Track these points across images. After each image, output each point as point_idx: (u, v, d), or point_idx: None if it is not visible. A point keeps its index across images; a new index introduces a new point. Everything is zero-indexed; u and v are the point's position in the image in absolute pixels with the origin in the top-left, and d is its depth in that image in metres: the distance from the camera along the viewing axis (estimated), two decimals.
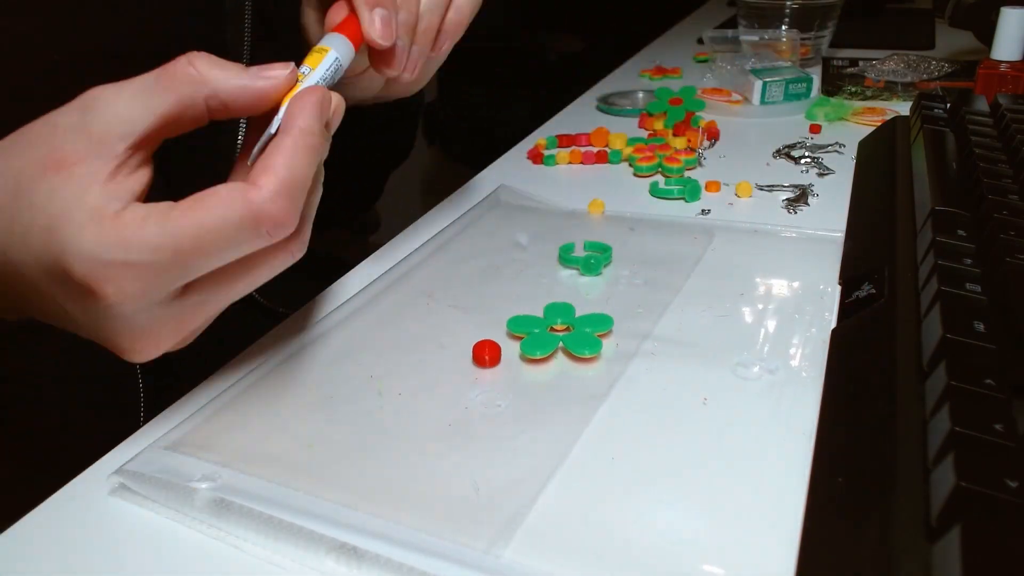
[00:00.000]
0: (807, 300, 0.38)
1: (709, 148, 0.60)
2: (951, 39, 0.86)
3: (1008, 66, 0.61)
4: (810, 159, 0.56)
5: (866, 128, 0.61)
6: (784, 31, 0.78)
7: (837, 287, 0.39)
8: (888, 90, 0.72)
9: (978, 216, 0.37)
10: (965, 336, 0.27)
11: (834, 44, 0.84)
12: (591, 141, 0.62)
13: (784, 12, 0.78)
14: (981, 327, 0.28)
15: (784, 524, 0.25)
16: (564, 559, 0.24)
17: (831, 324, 0.35)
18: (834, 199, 0.49)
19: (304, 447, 0.30)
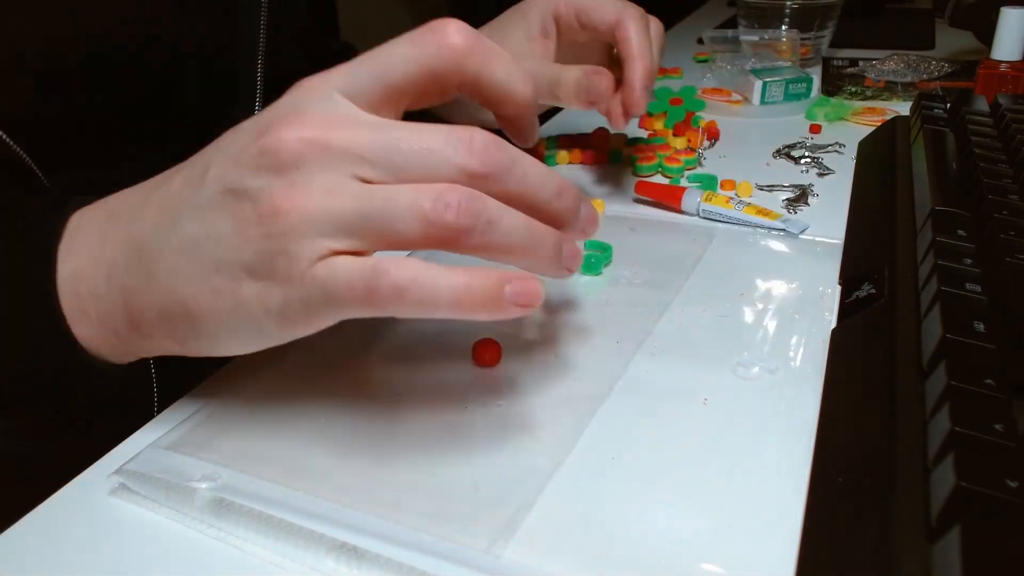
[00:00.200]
0: (807, 300, 0.38)
1: (709, 148, 0.60)
2: (951, 39, 0.86)
3: (1008, 66, 0.61)
4: (810, 159, 0.56)
5: (866, 128, 0.61)
6: (784, 31, 0.78)
7: (837, 287, 0.39)
8: (888, 90, 0.72)
9: (978, 216, 0.37)
10: (965, 336, 0.27)
11: (834, 44, 0.84)
12: (591, 141, 0.62)
13: (784, 12, 0.78)
14: (981, 327, 0.28)
15: (784, 524, 0.25)
16: (564, 559, 0.24)
17: (831, 324, 0.35)
18: (834, 199, 0.49)
19: (304, 447, 0.30)
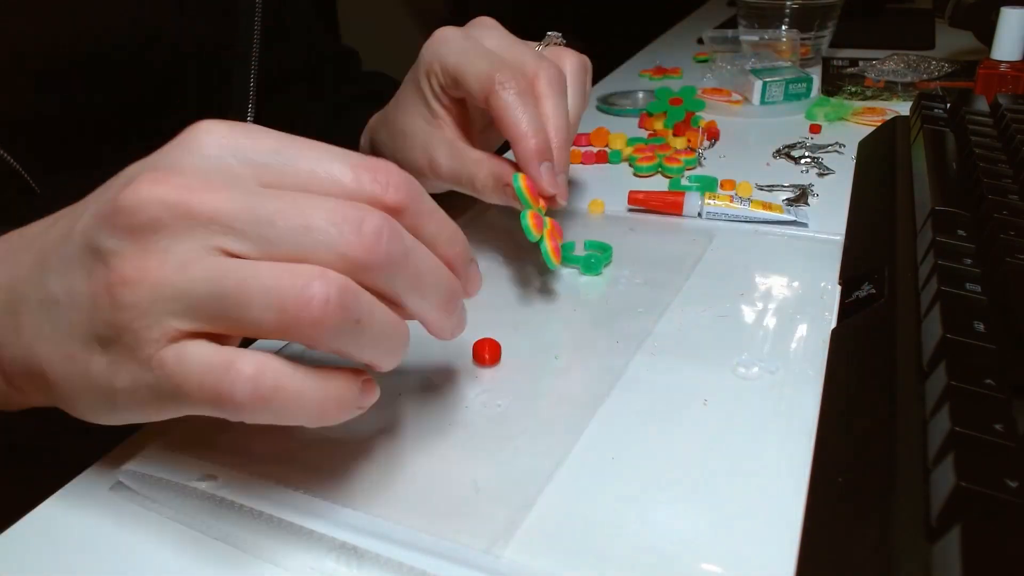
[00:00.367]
0: (807, 300, 0.38)
1: (709, 148, 0.60)
2: (951, 39, 0.86)
3: (1008, 66, 0.61)
4: (810, 159, 0.56)
5: (866, 128, 0.61)
6: (784, 31, 0.78)
7: (837, 287, 0.39)
8: (888, 90, 0.72)
9: (978, 216, 0.37)
10: (965, 336, 0.27)
11: (834, 44, 0.84)
12: (591, 141, 0.62)
13: (784, 12, 0.78)
14: (981, 327, 0.28)
15: (784, 524, 0.25)
16: (564, 559, 0.24)
17: (831, 324, 0.35)
18: (834, 199, 0.49)
19: (304, 447, 0.30)
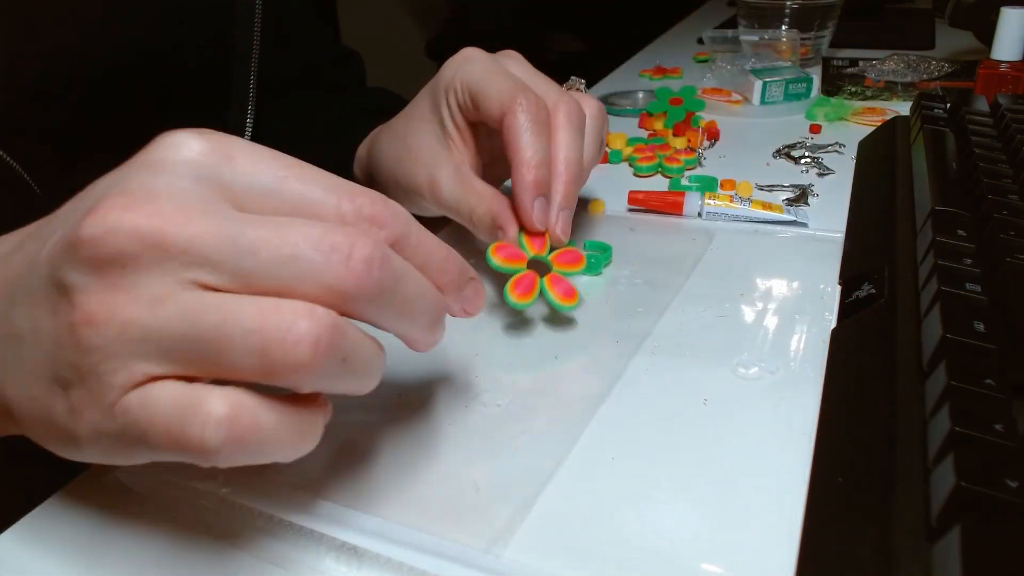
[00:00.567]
0: (807, 300, 0.38)
1: (709, 148, 0.60)
2: (951, 39, 0.86)
3: (1008, 66, 0.61)
4: (810, 159, 0.56)
5: (866, 128, 0.61)
6: (784, 31, 0.78)
7: (837, 287, 0.39)
8: (888, 90, 0.72)
9: (978, 216, 0.37)
10: (965, 336, 0.27)
11: (834, 44, 0.84)
12: None
13: (784, 12, 0.78)
14: (981, 327, 0.28)
15: (784, 524, 0.25)
16: (564, 559, 0.24)
17: (831, 324, 0.35)
18: (834, 199, 0.49)
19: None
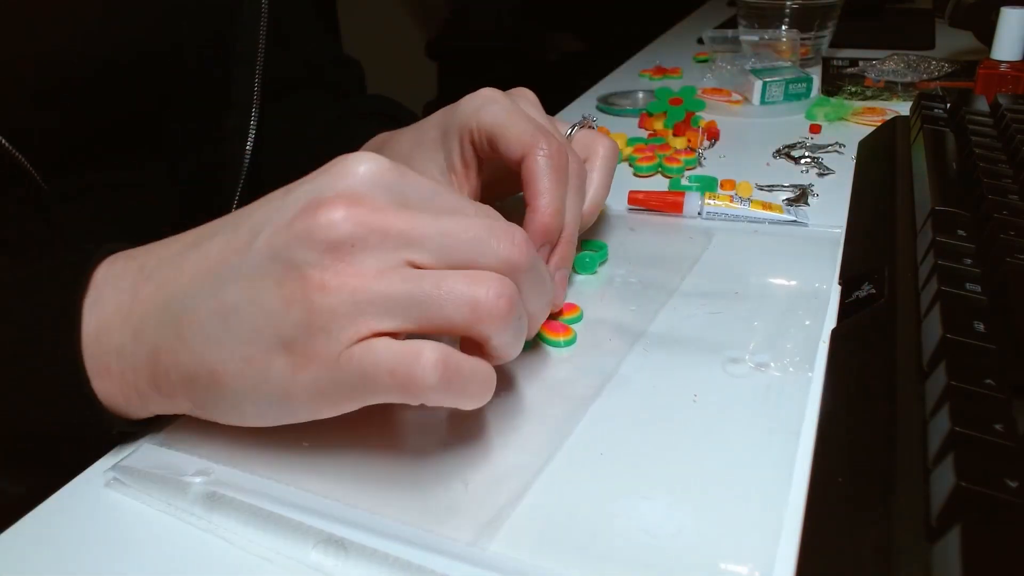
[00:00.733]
0: (807, 300, 0.38)
1: (709, 148, 0.60)
2: (951, 39, 0.86)
3: (1008, 66, 0.61)
4: (810, 159, 0.56)
5: (866, 128, 0.61)
6: (784, 31, 0.78)
7: (837, 287, 0.38)
8: (888, 90, 0.72)
9: (978, 216, 0.37)
10: (965, 336, 0.27)
11: (834, 44, 0.84)
12: None
13: (784, 12, 0.78)
14: (981, 327, 0.28)
15: (769, 520, 0.25)
16: (550, 553, 0.24)
17: (831, 324, 0.35)
18: (834, 199, 0.49)
19: (295, 442, 0.30)
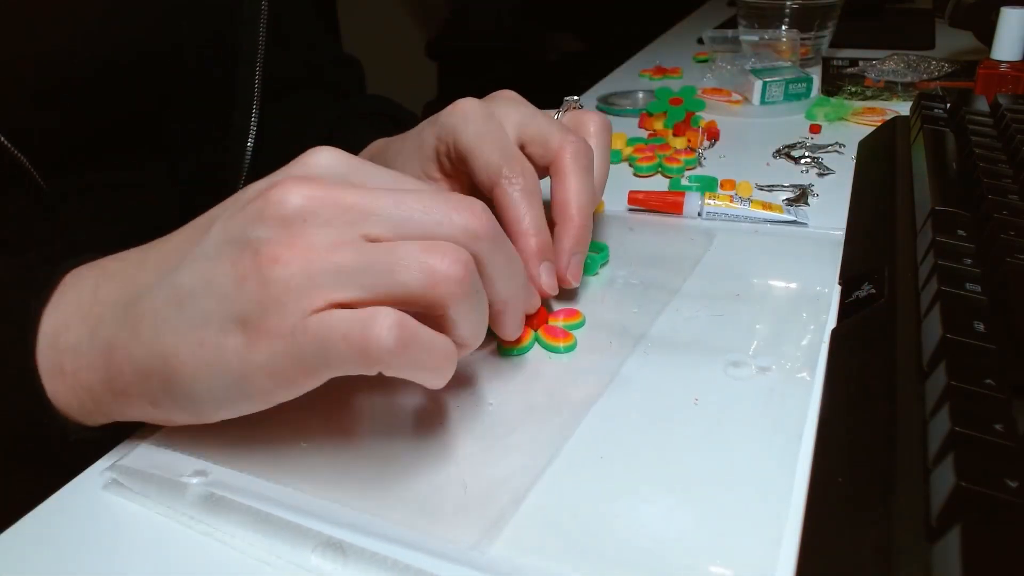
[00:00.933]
0: (807, 300, 0.38)
1: (709, 148, 0.60)
2: (951, 39, 0.86)
3: (1008, 66, 0.61)
4: (810, 159, 0.56)
5: (866, 128, 0.61)
6: (784, 31, 0.78)
7: (837, 287, 0.38)
8: (888, 90, 0.72)
9: (978, 216, 0.37)
10: (965, 336, 0.27)
11: (834, 44, 0.84)
12: None
13: (784, 12, 0.78)
14: (981, 327, 0.28)
15: (770, 523, 0.25)
16: (550, 555, 0.24)
17: (831, 324, 0.35)
18: (834, 199, 0.49)
19: (295, 444, 0.30)
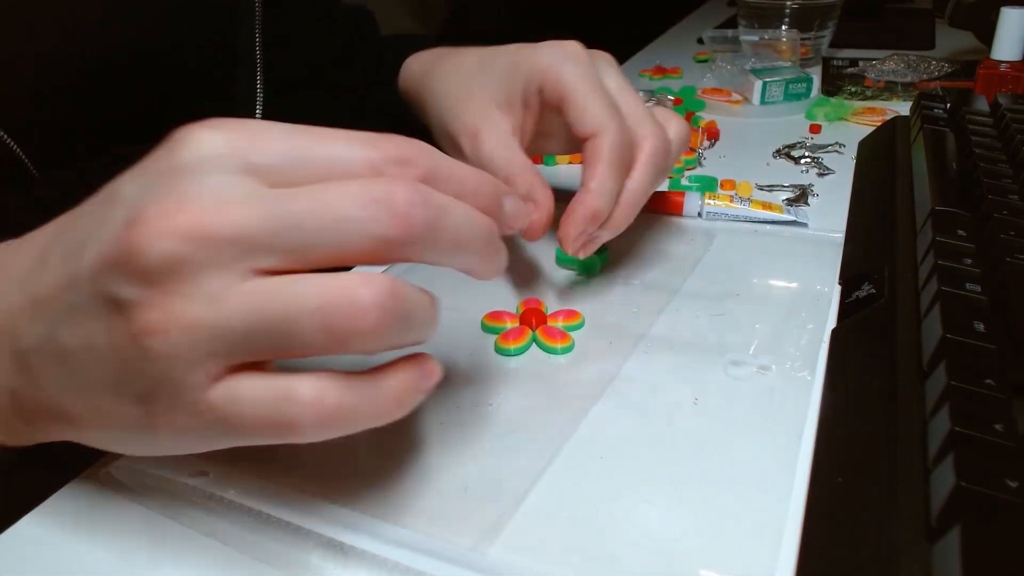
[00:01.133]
0: (807, 300, 0.38)
1: (709, 148, 0.60)
2: (951, 39, 0.86)
3: (1008, 66, 0.61)
4: (810, 159, 0.56)
5: (866, 128, 0.61)
6: (784, 31, 0.78)
7: (837, 287, 0.38)
8: (888, 90, 0.72)
9: (978, 216, 0.37)
10: (965, 336, 0.27)
11: (834, 44, 0.84)
12: None
13: (784, 12, 0.78)
14: (981, 327, 0.28)
15: (769, 523, 0.25)
16: (551, 557, 0.24)
17: (831, 324, 0.35)
18: (834, 199, 0.49)
19: (293, 445, 0.29)
